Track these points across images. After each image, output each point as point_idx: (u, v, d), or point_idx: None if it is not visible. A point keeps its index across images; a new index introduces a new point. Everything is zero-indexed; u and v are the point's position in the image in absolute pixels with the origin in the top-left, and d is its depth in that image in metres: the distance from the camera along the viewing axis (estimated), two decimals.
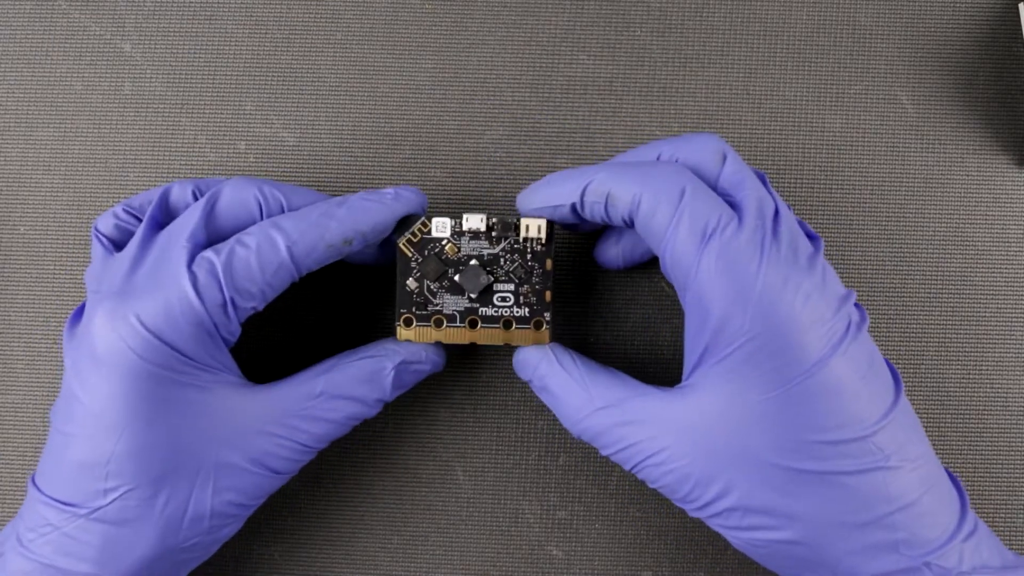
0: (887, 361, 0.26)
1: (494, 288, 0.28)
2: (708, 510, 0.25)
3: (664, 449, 0.25)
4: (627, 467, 0.26)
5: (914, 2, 0.33)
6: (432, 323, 0.28)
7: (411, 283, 0.28)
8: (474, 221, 0.27)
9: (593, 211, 0.26)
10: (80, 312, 0.27)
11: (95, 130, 0.33)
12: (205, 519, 0.26)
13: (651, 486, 0.26)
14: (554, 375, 0.27)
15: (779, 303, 0.24)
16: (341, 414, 0.27)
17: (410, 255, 0.28)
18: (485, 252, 0.28)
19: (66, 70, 0.33)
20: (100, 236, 0.28)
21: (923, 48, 0.33)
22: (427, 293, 0.28)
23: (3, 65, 0.33)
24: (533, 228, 0.27)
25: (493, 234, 0.28)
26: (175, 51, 0.33)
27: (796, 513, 0.24)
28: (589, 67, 0.33)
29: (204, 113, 0.33)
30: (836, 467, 0.24)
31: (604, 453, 0.27)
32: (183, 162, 0.32)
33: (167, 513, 0.25)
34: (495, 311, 0.28)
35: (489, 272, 0.28)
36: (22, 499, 0.32)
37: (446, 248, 0.28)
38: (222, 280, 0.25)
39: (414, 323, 0.28)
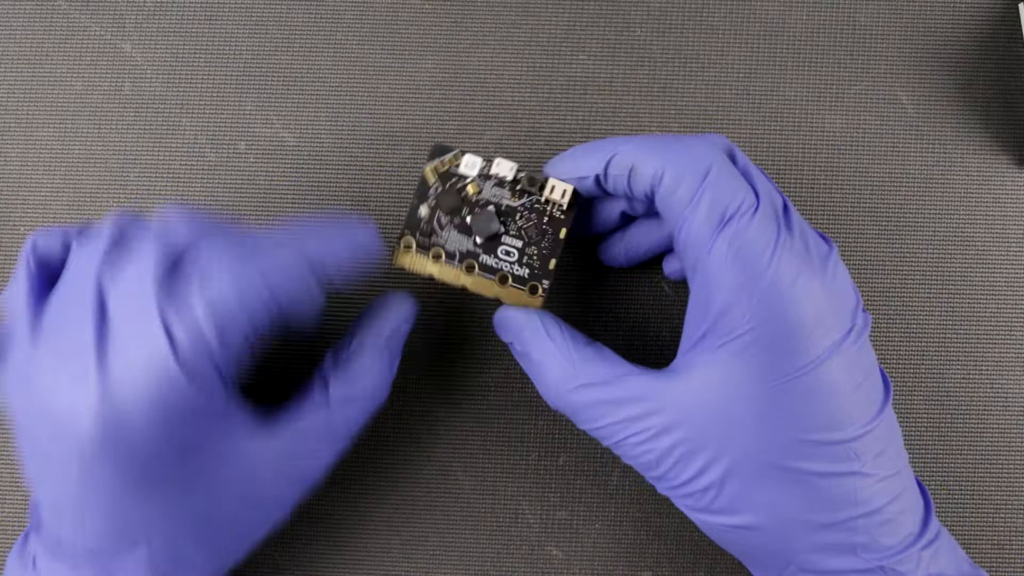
0: (880, 368, 0.26)
1: (501, 239, 0.27)
2: (681, 490, 0.25)
3: (648, 429, 0.25)
4: (605, 443, 0.26)
5: (914, 2, 0.33)
6: (430, 256, 0.27)
7: (423, 210, 0.27)
8: (504, 168, 0.27)
9: (616, 184, 0.26)
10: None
11: (95, 130, 0.33)
12: (246, 551, 0.27)
13: (626, 461, 0.26)
14: (538, 342, 0.27)
15: (786, 297, 0.24)
16: (356, 423, 0.27)
17: (431, 182, 0.27)
18: (504, 202, 0.27)
19: (66, 70, 0.33)
20: (33, 260, 0.25)
21: (923, 48, 0.33)
22: (435, 224, 0.27)
23: (3, 65, 0.33)
24: (558, 191, 0.27)
25: (518, 187, 0.27)
26: (175, 51, 0.33)
27: (763, 505, 0.25)
28: (589, 67, 0.33)
29: (204, 113, 0.33)
30: (813, 467, 0.24)
31: (582, 427, 0.27)
32: (183, 162, 0.32)
33: (210, 568, 0.26)
34: (495, 263, 0.27)
35: (502, 222, 0.27)
36: (22, 499, 0.32)
37: (468, 186, 0.27)
38: (219, 364, 0.23)
39: (414, 248, 0.27)
